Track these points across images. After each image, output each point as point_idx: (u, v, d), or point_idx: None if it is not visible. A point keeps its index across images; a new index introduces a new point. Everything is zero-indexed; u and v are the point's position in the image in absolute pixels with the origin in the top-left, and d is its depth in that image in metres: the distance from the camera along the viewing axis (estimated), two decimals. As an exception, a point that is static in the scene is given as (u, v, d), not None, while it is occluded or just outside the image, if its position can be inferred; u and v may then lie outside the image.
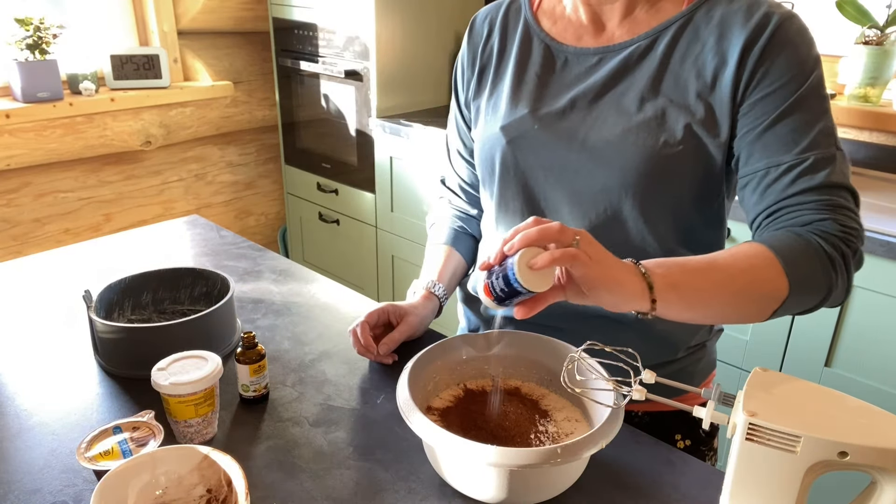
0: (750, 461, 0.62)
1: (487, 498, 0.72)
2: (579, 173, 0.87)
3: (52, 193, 2.34)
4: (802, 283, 0.75)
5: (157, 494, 0.70)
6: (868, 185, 1.80)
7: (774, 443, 0.61)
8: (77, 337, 1.06)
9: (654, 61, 0.84)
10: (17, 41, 2.08)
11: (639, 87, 0.84)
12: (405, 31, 2.37)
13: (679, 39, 0.83)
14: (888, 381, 1.51)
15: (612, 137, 0.84)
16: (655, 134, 0.82)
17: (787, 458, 0.61)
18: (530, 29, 0.94)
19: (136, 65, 2.40)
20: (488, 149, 0.94)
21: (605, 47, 0.87)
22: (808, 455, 0.60)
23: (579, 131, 0.86)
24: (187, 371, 0.82)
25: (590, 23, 0.89)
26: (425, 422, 0.71)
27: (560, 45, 0.90)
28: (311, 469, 0.80)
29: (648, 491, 0.77)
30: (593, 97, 0.86)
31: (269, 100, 2.86)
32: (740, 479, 0.64)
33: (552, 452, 0.66)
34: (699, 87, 0.81)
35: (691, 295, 0.73)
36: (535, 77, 0.91)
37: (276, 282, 1.27)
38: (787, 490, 0.62)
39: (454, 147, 1.09)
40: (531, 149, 0.90)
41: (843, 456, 0.59)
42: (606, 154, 0.84)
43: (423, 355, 0.83)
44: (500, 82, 0.95)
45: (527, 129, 0.90)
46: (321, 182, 2.69)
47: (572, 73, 0.89)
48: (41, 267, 1.30)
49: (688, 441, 0.99)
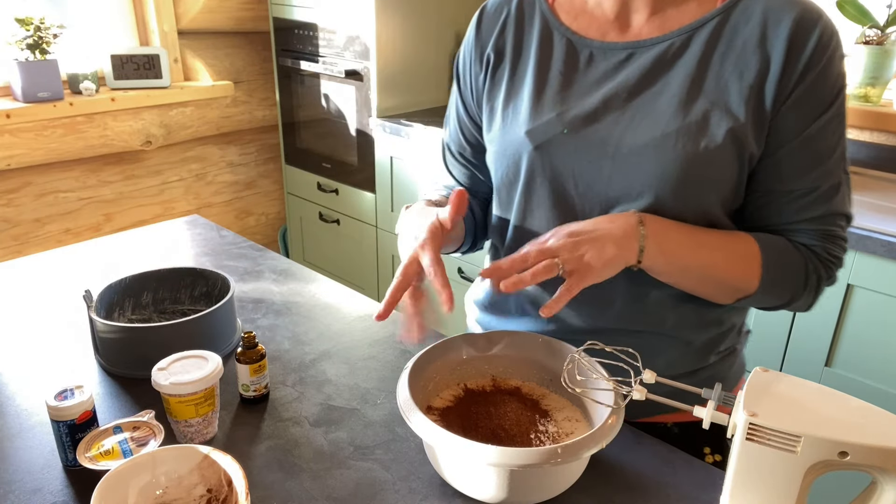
0: (750, 461, 0.62)
1: (488, 498, 0.72)
2: (613, 180, 0.81)
3: (53, 193, 2.34)
4: (771, 288, 0.82)
5: (158, 494, 0.70)
6: (868, 184, 1.80)
7: (775, 443, 0.61)
8: (77, 337, 1.06)
9: (691, 60, 0.78)
10: (17, 41, 2.08)
11: (676, 87, 0.78)
12: (405, 30, 2.37)
13: (719, 38, 0.78)
14: (888, 381, 1.51)
15: (651, 142, 0.78)
16: (696, 139, 0.77)
17: (788, 458, 0.61)
18: (549, 23, 0.87)
19: (136, 65, 2.40)
20: (510, 154, 0.88)
21: (636, 42, 0.81)
22: (808, 455, 0.60)
23: (612, 135, 0.80)
24: (187, 371, 0.82)
25: (615, 18, 0.83)
26: (426, 422, 0.71)
27: (584, 40, 0.84)
28: (311, 469, 0.80)
29: (649, 491, 0.77)
30: (627, 96, 0.80)
31: (270, 100, 2.86)
32: (740, 479, 0.64)
33: (552, 452, 0.66)
34: (741, 89, 0.76)
35: (673, 266, 0.79)
36: (559, 75, 0.85)
37: (277, 282, 1.27)
38: (788, 490, 0.62)
39: (455, 148, 1.01)
40: (561, 155, 0.84)
41: (844, 456, 0.59)
42: (643, 160, 0.79)
43: (423, 355, 0.83)
44: (519, 81, 0.88)
45: (555, 134, 0.83)
46: (321, 182, 2.69)
47: (599, 69, 0.83)
48: (41, 267, 1.30)
49: (717, 456, 0.94)
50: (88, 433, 0.77)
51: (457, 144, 1.01)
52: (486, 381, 0.88)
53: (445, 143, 1.03)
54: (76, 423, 0.77)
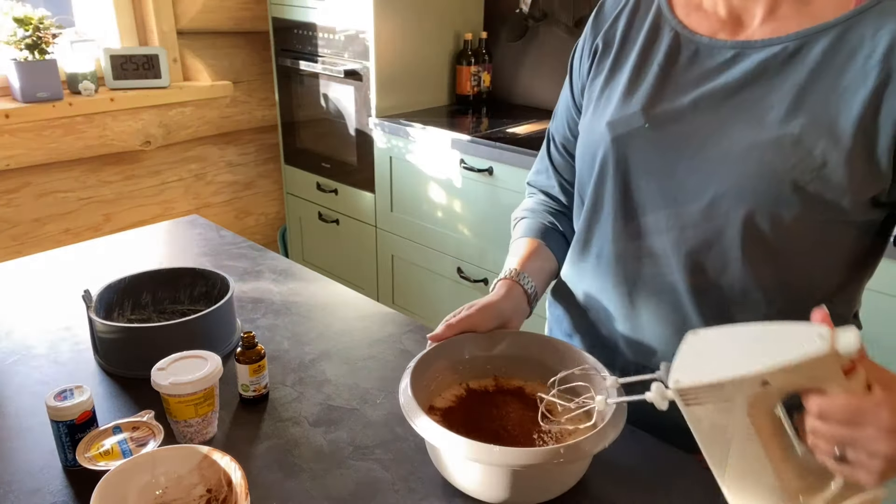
0: (702, 425, 0.62)
1: (491, 498, 0.72)
2: (686, 184, 0.76)
3: (52, 193, 2.33)
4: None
5: (157, 494, 0.70)
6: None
7: (709, 399, 0.59)
8: (77, 337, 1.06)
9: (803, 68, 0.70)
10: (16, 41, 2.08)
11: (779, 95, 0.71)
12: (405, 30, 2.37)
13: (839, 47, 0.69)
14: (889, 381, 1.51)
15: (736, 148, 0.72)
16: (787, 155, 0.69)
17: (727, 408, 0.59)
18: (662, 15, 0.82)
19: (135, 64, 2.40)
20: (590, 143, 0.85)
21: (745, 42, 0.74)
22: (740, 399, 0.58)
23: (696, 136, 0.75)
24: (187, 371, 0.82)
25: (728, 17, 0.77)
26: (429, 423, 0.71)
27: (692, 35, 0.79)
28: (311, 469, 0.80)
29: (650, 491, 0.77)
30: (722, 98, 0.74)
31: (269, 99, 2.86)
32: (708, 447, 0.63)
33: (555, 452, 0.66)
34: (856, 108, 0.67)
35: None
36: (658, 69, 0.80)
37: (276, 282, 1.26)
38: (750, 439, 0.60)
39: (559, 139, 0.98)
40: (637, 150, 0.80)
41: (767, 385, 0.57)
42: (722, 167, 0.73)
43: (425, 355, 0.83)
44: (618, 71, 0.84)
45: (636, 128, 0.79)
46: (321, 182, 2.69)
47: (702, 67, 0.77)
48: (41, 267, 1.30)
49: None
50: (88, 433, 0.77)
51: (561, 135, 0.98)
52: (489, 380, 0.88)
53: (551, 134, 1.01)
54: (76, 424, 0.77)
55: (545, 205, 1.02)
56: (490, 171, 2.06)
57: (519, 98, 2.63)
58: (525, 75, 2.59)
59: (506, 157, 1.99)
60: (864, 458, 0.56)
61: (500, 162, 2.02)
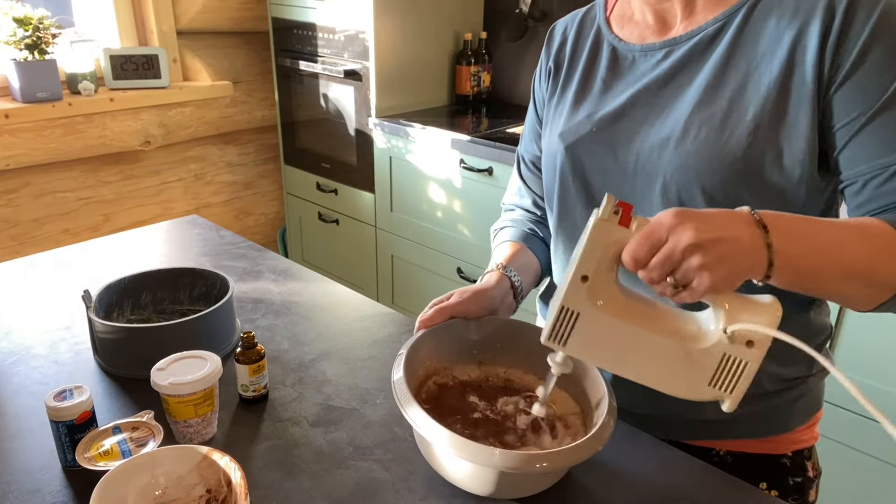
0: (591, 353, 0.67)
1: (479, 490, 0.73)
2: (637, 174, 0.81)
3: (52, 193, 2.33)
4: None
5: (157, 494, 0.70)
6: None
7: (567, 326, 0.66)
8: (76, 337, 1.06)
9: (722, 46, 0.77)
10: (16, 41, 2.08)
11: (705, 75, 0.77)
12: (405, 30, 2.37)
13: (750, 18, 0.75)
14: (888, 381, 1.51)
15: (671, 134, 0.78)
16: (719, 128, 0.74)
17: (585, 322, 0.65)
18: (601, 34, 0.90)
19: (135, 65, 2.40)
20: (549, 155, 0.92)
21: (672, 39, 0.81)
22: (583, 307, 0.64)
23: (637, 128, 0.81)
24: (187, 371, 0.82)
25: (654, 22, 0.84)
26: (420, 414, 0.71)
27: (627, 45, 0.86)
28: (310, 469, 0.80)
29: (647, 490, 0.77)
30: (656, 90, 0.81)
31: (269, 100, 2.86)
32: (614, 366, 0.67)
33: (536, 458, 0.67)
34: (775, 68, 0.73)
35: (806, 275, 0.66)
36: (601, 81, 0.88)
37: (276, 282, 1.26)
38: (626, 330, 0.65)
39: (528, 157, 1.04)
40: (588, 153, 0.86)
41: (588, 279, 0.64)
42: (665, 151, 0.78)
43: (414, 343, 0.83)
44: (567, 88, 0.92)
45: (583, 134, 0.86)
46: (320, 182, 2.69)
47: (638, 70, 0.84)
48: (41, 267, 1.30)
49: (774, 492, 0.88)
50: (87, 433, 0.77)
51: (530, 154, 1.04)
52: (476, 369, 0.88)
53: (520, 155, 1.07)
54: (75, 424, 0.77)
55: (523, 216, 1.08)
56: (490, 171, 2.06)
57: (519, 98, 2.63)
58: (525, 75, 2.59)
59: (505, 157, 1.99)
60: (686, 264, 0.60)
61: (499, 162, 2.02)
